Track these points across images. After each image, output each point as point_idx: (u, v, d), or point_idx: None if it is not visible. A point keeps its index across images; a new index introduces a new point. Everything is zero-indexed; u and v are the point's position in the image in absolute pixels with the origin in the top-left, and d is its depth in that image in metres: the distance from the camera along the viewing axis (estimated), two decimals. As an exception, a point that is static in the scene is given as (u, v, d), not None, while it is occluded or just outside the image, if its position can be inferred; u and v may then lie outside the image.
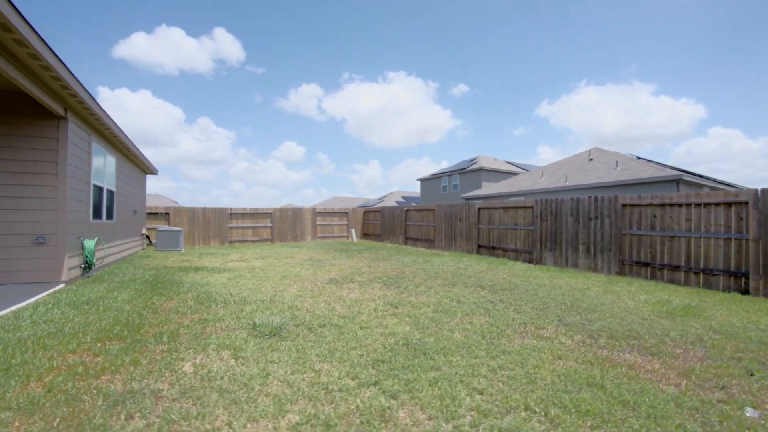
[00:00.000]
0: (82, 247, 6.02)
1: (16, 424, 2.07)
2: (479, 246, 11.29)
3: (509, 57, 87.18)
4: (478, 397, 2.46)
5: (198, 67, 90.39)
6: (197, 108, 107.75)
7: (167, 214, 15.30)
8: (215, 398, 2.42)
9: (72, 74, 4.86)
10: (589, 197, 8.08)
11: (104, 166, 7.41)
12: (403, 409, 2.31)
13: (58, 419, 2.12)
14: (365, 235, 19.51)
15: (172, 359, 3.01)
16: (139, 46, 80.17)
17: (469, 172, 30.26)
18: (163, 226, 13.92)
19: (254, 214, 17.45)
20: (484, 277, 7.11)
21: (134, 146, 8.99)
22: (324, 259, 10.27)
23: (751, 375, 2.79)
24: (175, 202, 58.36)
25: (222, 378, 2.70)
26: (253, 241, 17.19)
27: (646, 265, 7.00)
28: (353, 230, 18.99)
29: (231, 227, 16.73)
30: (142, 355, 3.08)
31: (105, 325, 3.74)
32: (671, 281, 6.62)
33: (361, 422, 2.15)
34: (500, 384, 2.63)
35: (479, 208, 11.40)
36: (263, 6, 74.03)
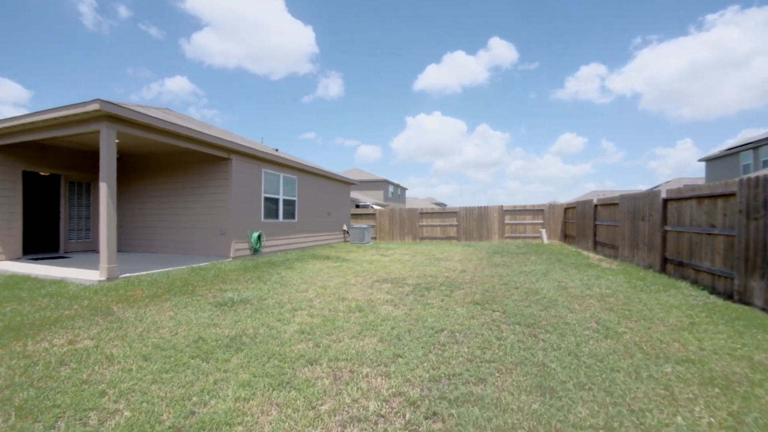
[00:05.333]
0: (249, 237, 9.61)
1: (82, 303, 4.49)
2: (665, 260, 7.11)
3: None
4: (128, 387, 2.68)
5: (477, 79, 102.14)
6: (476, 117, 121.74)
7: (374, 214, 19.37)
8: (117, 325, 3.99)
9: (226, 140, 8.69)
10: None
11: (280, 183, 11.15)
12: (108, 366, 2.96)
13: (87, 310, 4.38)
14: (566, 237, 16.03)
15: (150, 303, 4.90)
16: (431, 77, 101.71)
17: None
18: (357, 224, 17.84)
19: (442, 214, 18.63)
20: (558, 303, 4.94)
21: (311, 167, 12.72)
22: (447, 258, 10.01)
23: None
24: (444, 204, 68.67)
25: (142, 320, 4.24)
26: (440, 239, 18.40)
27: None
28: (544, 230, 16.15)
29: (421, 225, 18.74)
30: (152, 299, 5.16)
31: (181, 281, 6.27)
32: None
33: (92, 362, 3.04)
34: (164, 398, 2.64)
35: (665, 200, 7.19)
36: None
